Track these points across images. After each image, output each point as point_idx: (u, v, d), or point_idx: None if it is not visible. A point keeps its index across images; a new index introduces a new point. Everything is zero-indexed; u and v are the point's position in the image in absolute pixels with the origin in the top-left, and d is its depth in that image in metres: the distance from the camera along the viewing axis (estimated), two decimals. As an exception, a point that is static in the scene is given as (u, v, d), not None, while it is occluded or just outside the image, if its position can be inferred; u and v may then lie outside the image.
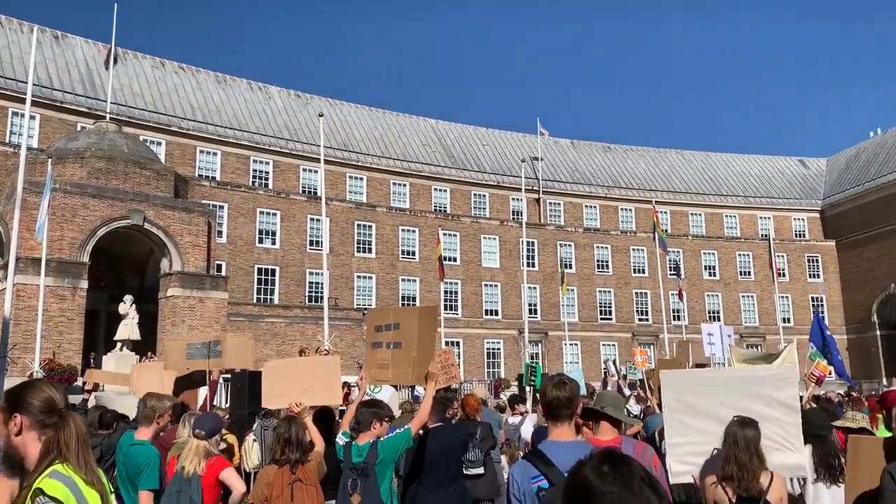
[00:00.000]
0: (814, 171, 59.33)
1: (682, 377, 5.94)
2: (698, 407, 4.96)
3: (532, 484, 3.38)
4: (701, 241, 51.04)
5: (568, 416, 3.63)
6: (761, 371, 6.08)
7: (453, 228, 43.90)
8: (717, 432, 4.78)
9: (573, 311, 45.14)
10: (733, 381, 5.27)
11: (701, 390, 5.07)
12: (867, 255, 49.81)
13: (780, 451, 4.80)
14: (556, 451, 3.39)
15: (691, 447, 4.87)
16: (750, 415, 4.82)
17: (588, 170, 53.71)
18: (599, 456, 1.62)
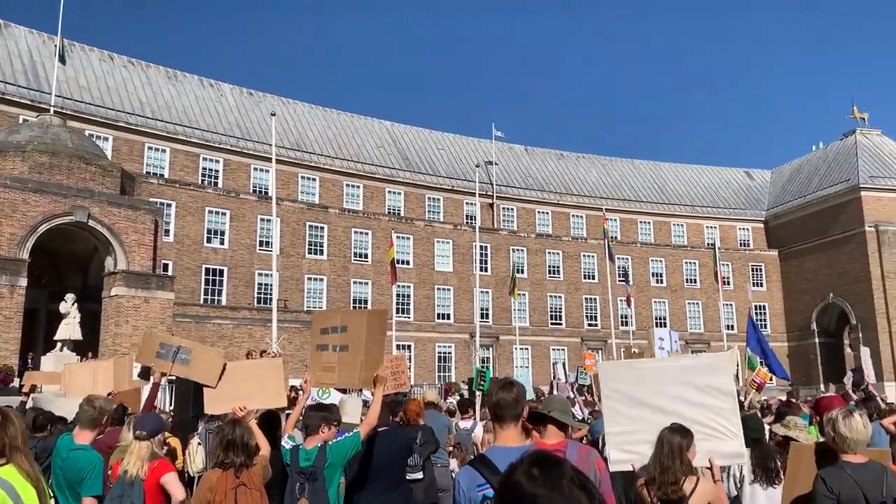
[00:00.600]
0: (758, 183, 61.05)
1: (619, 367, 6.03)
2: (635, 396, 4.99)
3: (478, 492, 3.34)
4: (649, 248, 52.03)
5: (514, 418, 3.63)
6: (695, 359, 6.16)
7: (407, 231, 43.84)
8: (654, 420, 4.83)
9: (524, 315, 45.49)
10: (669, 369, 5.31)
11: (637, 380, 5.09)
12: (808, 265, 51.45)
13: (718, 438, 4.85)
14: (502, 457, 3.27)
15: (629, 436, 4.90)
16: (686, 402, 4.89)
17: (541, 176, 54.28)
18: (530, 459, 1.63)
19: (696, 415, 4.84)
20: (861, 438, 4.32)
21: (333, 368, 6.02)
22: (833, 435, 4.37)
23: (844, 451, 4.32)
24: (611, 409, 5.09)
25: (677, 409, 4.86)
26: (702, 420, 4.83)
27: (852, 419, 4.33)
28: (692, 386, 4.95)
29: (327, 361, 6.08)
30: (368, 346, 5.85)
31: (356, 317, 6.32)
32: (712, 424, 4.85)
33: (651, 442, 4.73)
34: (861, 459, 4.28)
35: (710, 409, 4.89)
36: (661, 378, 5.06)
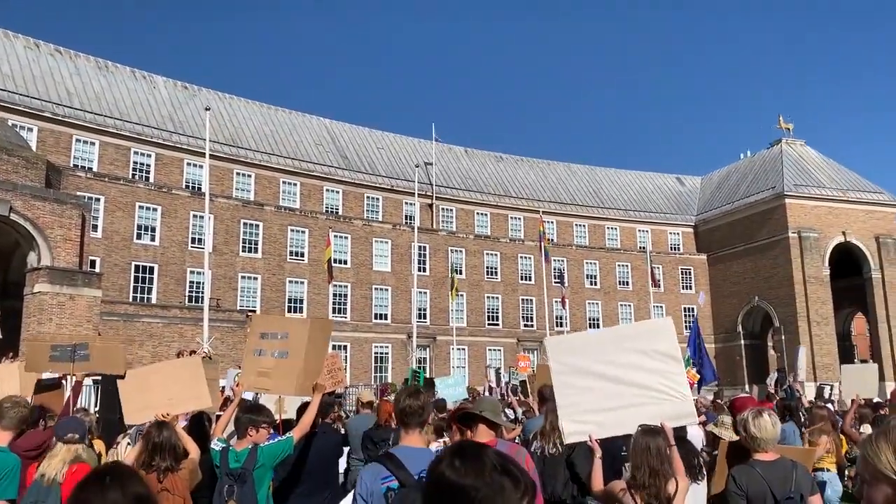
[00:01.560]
0: (689, 189, 62.91)
1: (565, 340, 6.06)
2: (583, 367, 5.00)
3: (382, 484, 3.56)
4: (584, 251, 53.00)
5: (418, 424, 3.88)
6: (638, 326, 6.22)
7: (344, 231, 43.49)
8: (604, 389, 4.87)
9: (462, 316, 45.71)
10: (614, 338, 5.34)
11: (584, 350, 5.12)
12: (735, 269, 53.30)
13: (669, 401, 4.92)
14: (406, 456, 3.62)
15: (582, 406, 4.92)
16: (634, 368, 4.92)
17: (480, 178, 54.65)
18: (451, 451, 1.68)
19: (646, 379, 4.89)
20: (770, 437, 4.49)
21: (270, 374, 5.89)
22: (745, 434, 4.53)
23: (755, 450, 4.49)
24: (561, 382, 5.08)
25: (626, 376, 4.91)
26: (651, 384, 4.88)
27: (761, 419, 4.50)
28: (639, 352, 4.98)
29: (264, 366, 5.95)
30: (310, 354, 5.75)
31: (299, 325, 6.19)
32: (662, 388, 4.91)
33: (603, 410, 4.78)
34: (771, 457, 4.45)
35: (658, 372, 4.93)
36: (608, 347, 5.09)
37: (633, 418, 4.80)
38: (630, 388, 4.87)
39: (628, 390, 4.89)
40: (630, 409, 4.89)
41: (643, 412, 4.84)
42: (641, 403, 4.92)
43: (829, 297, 48.99)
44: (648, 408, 4.78)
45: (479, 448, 1.68)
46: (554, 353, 5.23)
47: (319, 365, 5.81)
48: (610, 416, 4.87)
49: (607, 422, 4.87)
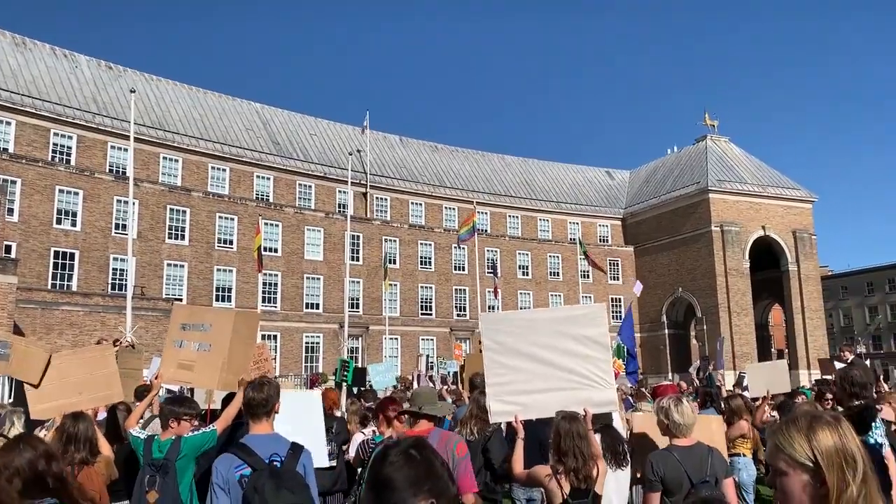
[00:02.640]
0: (618, 182, 64.35)
1: (500, 318, 6.08)
2: (514, 347, 5.05)
3: (235, 472, 3.84)
4: (517, 241, 53.61)
5: (265, 414, 4.17)
6: (572, 310, 6.33)
7: (275, 218, 42.73)
8: (533, 370, 4.92)
9: (395, 305, 45.63)
10: (547, 320, 5.37)
11: (517, 331, 5.16)
12: (660, 260, 54.88)
13: (592, 387, 5.01)
14: (257, 443, 3.98)
15: (509, 387, 4.98)
16: (563, 352, 4.99)
17: (415, 167, 54.54)
18: (388, 446, 1.78)
19: (572, 364, 4.97)
20: (690, 423, 4.62)
21: (192, 367, 5.70)
22: (666, 421, 4.64)
23: (676, 436, 4.60)
24: (491, 360, 5.12)
25: (555, 359, 4.97)
26: (577, 369, 4.96)
27: (682, 406, 4.63)
28: (569, 336, 5.06)
29: (185, 358, 5.75)
30: (234, 347, 5.59)
31: (223, 316, 5.97)
32: (587, 374, 5.00)
33: (530, 392, 4.81)
34: (688, 443, 4.59)
35: (585, 358, 5.02)
36: (540, 328, 5.14)
37: (558, 402, 4.87)
38: (557, 372, 4.94)
39: (556, 373, 4.97)
40: (556, 392, 4.96)
41: (568, 397, 4.93)
42: (567, 388, 5.00)
43: (749, 289, 51.00)
44: (573, 392, 4.86)
45: (420, 441, 1.78)
46: (488, 330, 5.26)
47: (244, 358, 5.65)
48: (536, 399, 4.94)
49: (533, 404, 4.94)
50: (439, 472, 1.71)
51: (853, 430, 1.82)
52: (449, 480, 1.72)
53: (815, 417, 1.81)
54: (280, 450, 4.04)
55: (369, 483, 1.75)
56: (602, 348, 5.14)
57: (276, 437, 4.18)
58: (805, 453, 1.74)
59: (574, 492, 4.39)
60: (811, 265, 53.32)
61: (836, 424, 1.79)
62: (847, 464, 1.72)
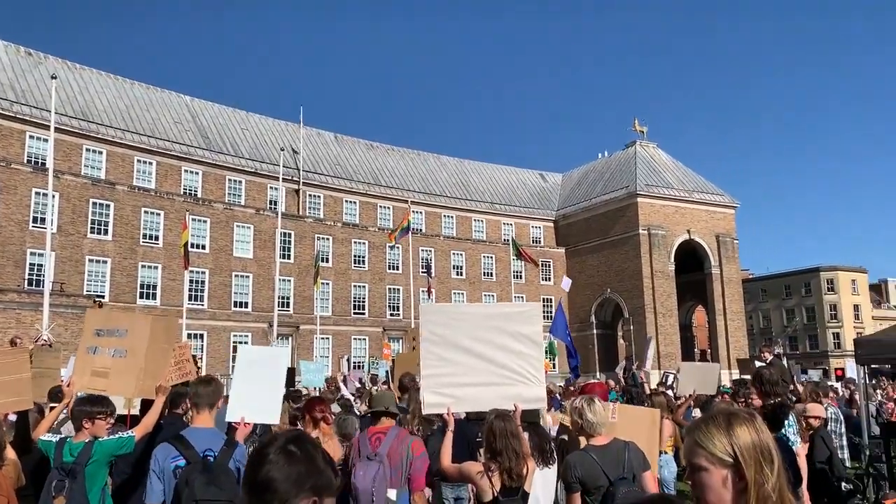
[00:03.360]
0: (551, 185, 65.37)
1: (440, 310, 6.11)
2: (451, 339, 5.09)
3: (171, 462, 4.12)
4: (451, 241, 53.79)
5: (209, 406, 4.42)
6: (511, 307, 6.38)
7: (204, 214, 41.65)
8: (468, 364, 4.97)
9: (327, 305, 45.12)
10: (486, 315, 5.44)
11: (456, 323, 5.18)
12: (590, 262, 56.02)
13: (524, 384, 5.06)
14: (196, 437, 4.24)
15: (444, 379, 5.01)
16: (498, 347, 5.07)
17: (350, 165, 54.06)
18: (284, 438, 1.69)
19: (506, 360, 5.04)
20: (603, 421, 4.70)
21: (107, 374, 5.49)
22: (580, 421, 4.70)
23: (591, 435, 4.67)
24: (428, 351, 5.13)
25: (490, 354, 5.03)
26: (510, 365, 5.03)
27: (595, 405, 4.70)
28: (506, 332, 5.13)
29: (100, 365, 5.53)
30: (151, 353, 5.41)
31: (140, 321, 5.77)
32: (520, 370, 5.08)
33: (463, 385, 4.86)
34: (604, 441, 4.66)
35: (519, 355, 5.10)
36: (479, 323, 5.20)
37: (491, 396, 4.92)
38: (491, 367, 5.01)
39: (489, 368, 5.03)
40: (489, 387, 5.02)
41: (500, 392, 4.98)
42: (500, 383, 5.06)
43: (674, 291, 52.57)
44: (505, 388, 4.92)
45: (302, 435, 1.71)
46: (427, 322, 5.28)
47: (162, 365, 5.48)
48: (469, 392, 4.99)
49: (466, 397, 4.99)
50: (321, 466, 1.63)
51: (767, 426, 1.87)
52: (332, 474, 1.64)
53: (732, 414, 1.85)
54: (215, 446, 4.21)
55: (247, 485, 1.64)
56: (536, 346, 5.23)
57: (214, 432, 4.39)
58: (725, 449, 1.77)
59: (505, 490, 4.41)
60: (733, 268, 55.33)
61: (753, 421, 1.83)
62: (764, 459, 1.76)
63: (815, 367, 53.04)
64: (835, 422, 9.92)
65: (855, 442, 11.09)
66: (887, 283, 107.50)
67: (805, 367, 43.41)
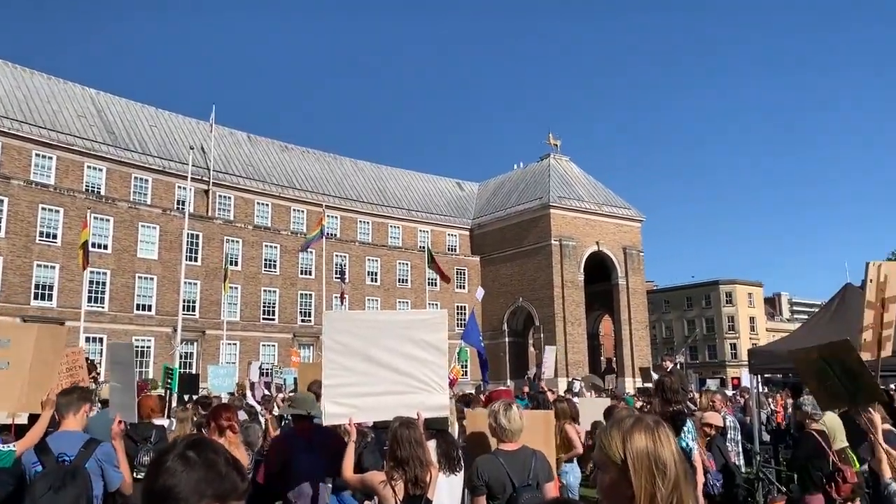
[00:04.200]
0: (467, 194, 66.01)
1: (343, 317, 6.00)
2: (354, 348, 4.99)
3: (32, 468, 4.30)
4: (367, 247, 53.42)
5: (75, 411, 4.59)
6: (416, 314, 6.35)
7: (107, 213, 39.82)
8: (371, 373, 4.90)
9: (235, 309, 43.93)
10: (390, 323, 5.38)
11: (359, 332, 5.09)
12: (504, 271, 56.83)
13: (427, 391, 5.02)
14: (56, 442, 4.42)
15: (345, 388, 4.91)
16: (402, 356, 5.02)
17: (263, 166, 52.89)
18: (185, 443, 1.61)
19: (410, 368, 5.00)
20: (517, 428, 4.75)
21: None
22: (494, 425, 4.74)
23: (503, 440, 4.71)
24: (330, 360, 5.02)
25: (393, 362, 4.97)
26: (415, 374, 4.99)
27: (511, 411, 4.74)
28: (410, 340, 5.08)
29: None
30: (36, 364, 5.09)
31: (24, 331, 5.43)
32: (423, 378, 5.04)
33: (365, 394, 4.80)
34: (514, 447, 4.71)
35: (424, 363, 5.06)
36: (383, 330, 5.12)
37: (393, 405, 4.89)
38: (394, 375, 4.97)
39: (392, 376, 4.99)
40: (390, 395, 4.97)
41: (403, 400, 4.95)
42: (402, 391, 5.02)
43: (583, 301, 53.95)
44: (408, 396, 4.88)
45: (210, 443, 1.65)
46: (330, 330, 5.18)
47: (49, 377, 5.17)
48: (371, 401, 4.93)
49: (368, 406, 4.94)
50: (223, 471, 1.55)
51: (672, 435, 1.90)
52: (238, 478, 1.57)
53: (637, 420, 1.89)
54: (71, 449, 4.33)
55: (145, 495, 1.55)
56: (440, 354, 5.21)
57: (74, 435, 4.50)
58: (617, 453, 1.81)
59: (408, 498, 4.38)
60: (638, 280, 57.28)
61: (654, 429, 1.85)
62: (657, 468, 1.78)
63: (713, 376, 55.57)
64: (733, 429, 10.38)
65: (747, 448, 11.62)
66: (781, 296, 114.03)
67: (704, 377, 45.44)
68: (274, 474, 5.18)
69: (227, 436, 5.32)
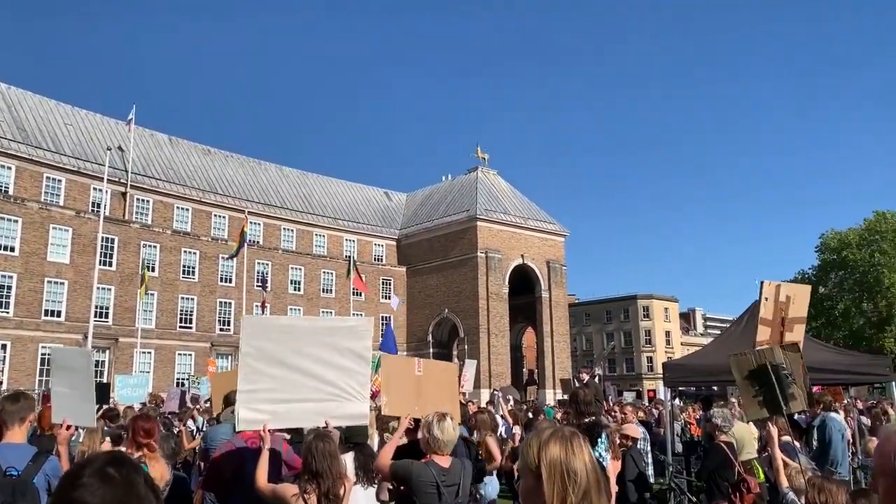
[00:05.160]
0: (395, 204, 65.90)
1: (263, 322, 5.89)
2: (274, 353, 4.87)
3: None
4: (290, 255, 52.56)
5: (19, 421, 4.40)
6: (338, 321, 6.28)
7: (15, 213, 37.89)
8: (289, 379, 4.80)
9: (151, 317, 42.43)
10: (312, 329, 5.26)
11: (280, 337, 4.97)
12: (430, 282, 56.93)
13: (347, 400, 4.94)
14: (5, 454, 4.17)
15: (262, 394, 4.80)
16: (323, 363, 4.93)
17: (184, 170, 51.39)
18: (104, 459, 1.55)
19: (331, 376, 4.91)
20: (450, 440, 4.74)
21: None
22: (426, 436, 4.72)
23: (435, 452, 4.70)
24: (247, 365, 4.89)
25: (313, 369, 4.86)
26: (335, 381, 4.91)
27: (444, 423, 4.74)
28: (333, 347, 4.98)
29: None
30: None
31: None
32: (344, 386, 4.96)
33: (281, 401, 4.72)
34: (446, 463, 4.71)
35: (345, 371, 4.96)
36: (303, 337, 5.01)
37: (311, 412, 4.83)
38: (312, 382, 4.90)
39: (310, 383, 4.90)
40: (308, 402, 4.89)
41: (321, 408, 4.87)
42: (321, 399, 4.94)
43: (507, 313, 54.60)
44: (326, 404, 4.82)
45: (131, 461, 1.58)
46: (247, 334, 5.05)
47: None
48: (286, 408, 4.85)
49: (285, 413, 4.85)
50: (142, 493, 1.48)
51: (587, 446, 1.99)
52: (155, 501, 1.50)
53: (554, 431, 2.00)
54: (20, 462, 4.10)
55: None
56: (363, 362, 5.14)
57: (24, 448, 4.32)
58: (533, 460, 1.92)
59: None
60: (561, 293, 58.39)
61: (570, 439, 1.96)
62: (568, 477, 1.88)
63: (630, 388, 57.11)
64: (644, 441, 10.68)
65: (660, 459, 11.95)
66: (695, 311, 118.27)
67: (621, 389, 46.61)
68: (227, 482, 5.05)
69: (145, 450, 5.10)
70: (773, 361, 5.25)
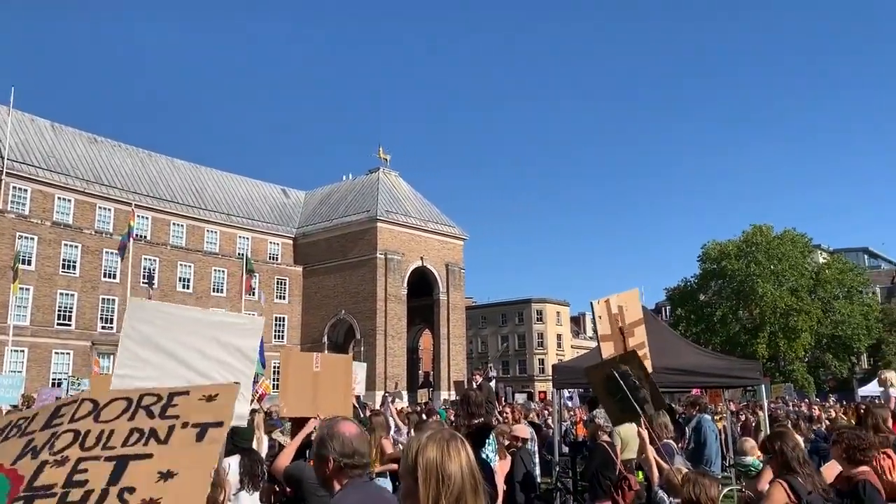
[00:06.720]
0: (293, 202, 64.65)
1: (149, 307, 5.68)
2: (155, 340, 4.75)
3: None
4: (180, 252, 50.59)
5: None
6: (230, 317, 6.09)
7: None
8: (164, 367, 4.63)
9: (25, 313, 39.80)
10: (199, 321, 5.15)
11: (163, 324, 4.85)
12: (327, 282, 56.22)
13: None
14: None
15: (137, 381, 4.62)
16: (203, 355, 4.83)
17: (67, 158, 48.48)
18: None
19: (210, 370, 4.80)
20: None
21: None
22: None
23: None
24: (125, 348, 4.76)
25: (193, 361, 4.75)
26: (215, 377, 4.78)
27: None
28: (216, 341, 4.88)
29: None
30: None
31: None
32: (222, 382, 4.82)
33: None
34: None
35: (227, 367, 4.86)
36: (189, 327, 4.90)
37: None
38: (191, 374, 4.78)
39: (188, 375, 4.78)
40: None
41: None
42: None
43: (405, 315, 54.68)
44: None
45: None
46: (131, 316, 4.92)
47: None
48: None
49: None
50: None
51: (470, 448, 2.04)
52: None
53: (432, 434, 2.03)
54: None
55: None
56: (248, 362, 5.08)
57: None
58: (411, 463, 1.97)
59: None
60: (458, 296, 59.03)
61: (447, 442, 1.99)
62: (442, 480, 1.92)
63: (522, 390, 58.49)
64: (532, 441, 10.94)
65: (547, 459, 12.28)
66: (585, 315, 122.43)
67: (514, 390, 47.62)
68: None
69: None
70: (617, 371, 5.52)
